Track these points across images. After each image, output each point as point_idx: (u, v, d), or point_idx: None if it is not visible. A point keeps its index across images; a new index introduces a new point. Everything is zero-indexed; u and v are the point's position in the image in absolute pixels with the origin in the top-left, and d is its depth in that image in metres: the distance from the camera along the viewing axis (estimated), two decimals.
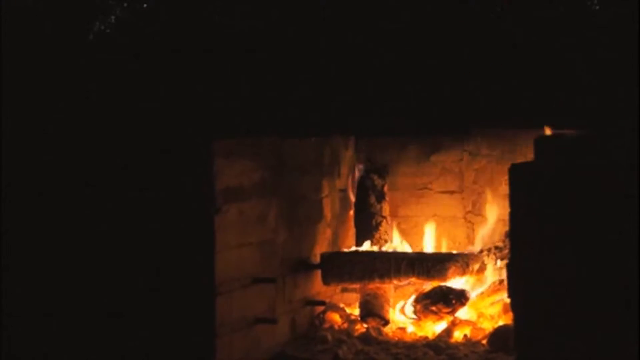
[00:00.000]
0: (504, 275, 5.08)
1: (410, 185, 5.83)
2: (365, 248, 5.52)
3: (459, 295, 5.12)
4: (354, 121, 5.99)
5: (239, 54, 6.61)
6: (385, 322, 5.20)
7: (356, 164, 5.71)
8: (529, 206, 3.61)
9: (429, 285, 5.21)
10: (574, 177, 3.55)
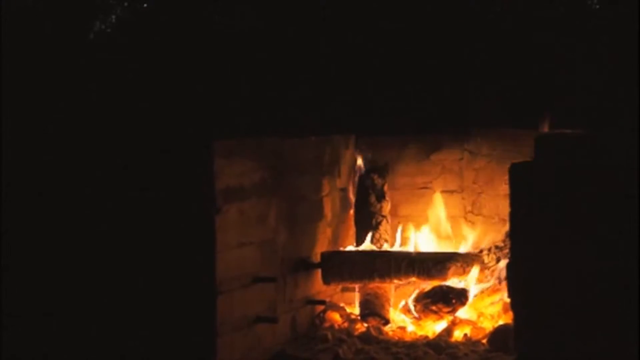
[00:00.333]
0: (504, 274, 5.08)
1: (410, 185, 5.82)
2: (365, 247, 5.51)
3: (459, 294, 5.12)
4: (354, 121, 5.99)
5: (239, 54, 6.61)
6: (386, 322, 5.20)
7: (356, 164, 5.70)
8: (529, 206, 3.61)
9: (429, 284, 5.22)
10: (574, 177, 3.55)
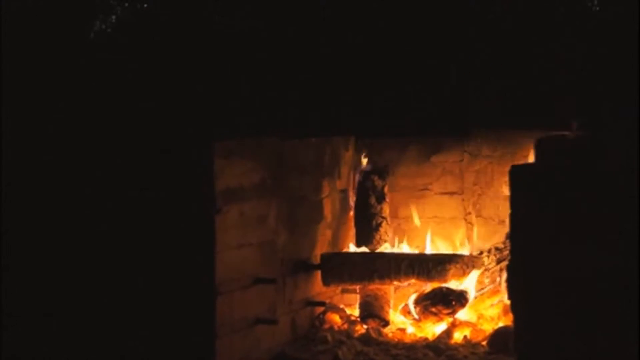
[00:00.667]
0: (504, 276, 5.08)
1: (410, 187, 5.82)
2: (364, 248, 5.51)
3: (458, 296, 5.12)
4: (354, 122, 5.99)
5: (239, 54, 6.61)
6: (385, 323, 5.20)
7: (356, 165, 5.70)
8: (530, 207, 3.61)
9: (428, 286, 5.21)
10: (574, 178, 3.55)
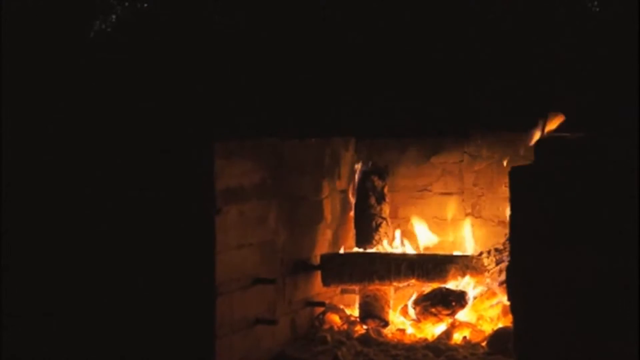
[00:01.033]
0: (503, 277, 5.08)
1: (410, 187, 5.82)
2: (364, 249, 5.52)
3: (458, 297, 5.12)
4: (354, 122, 5.99)
5: (239, 55, 6.61)
6: (385, 324, 5.20)
7: (356, 165, 5.70)
8: (529, 208, 3.61)
9: (428, 287, 5.21)
10: (574, 179, 3.55)
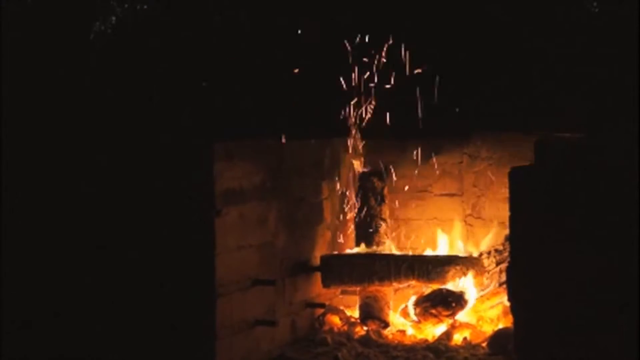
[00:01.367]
0: (504, 277, 5.08)
1: (410, 188, 5.82)
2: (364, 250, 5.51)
3: (458, 298, 5.12)
4: (353, 123, 5.98)
5: (239, 56, 6.61)
6: (385, 325, 5.20)
7: (356, 167, 5.70)
8: (529, 209, 3.61)
9: (428, 288, 5.21)
10: (573, 180, 3.55)
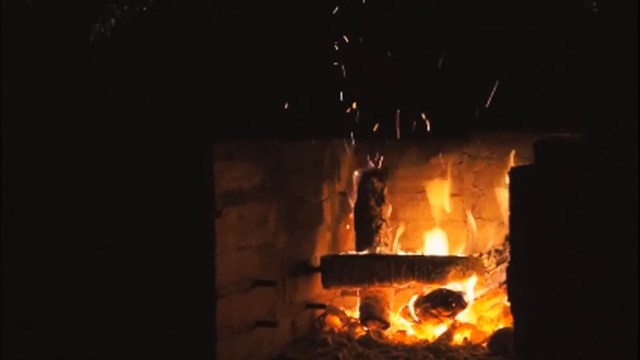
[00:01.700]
0: (504, 278, 5.08)
1: (410, 188, 5.82)
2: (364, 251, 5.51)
3: (458, 298, 5.12)
4: (353, 124, 5.98)
5: (239, 57, 6.61)
6: (386, 325, 5.20)
7: (356, 167, 5.70)
8: (529, 209, 3.61)
9: (428, 288, 5.21)
10: (573, 180, 3.55)
